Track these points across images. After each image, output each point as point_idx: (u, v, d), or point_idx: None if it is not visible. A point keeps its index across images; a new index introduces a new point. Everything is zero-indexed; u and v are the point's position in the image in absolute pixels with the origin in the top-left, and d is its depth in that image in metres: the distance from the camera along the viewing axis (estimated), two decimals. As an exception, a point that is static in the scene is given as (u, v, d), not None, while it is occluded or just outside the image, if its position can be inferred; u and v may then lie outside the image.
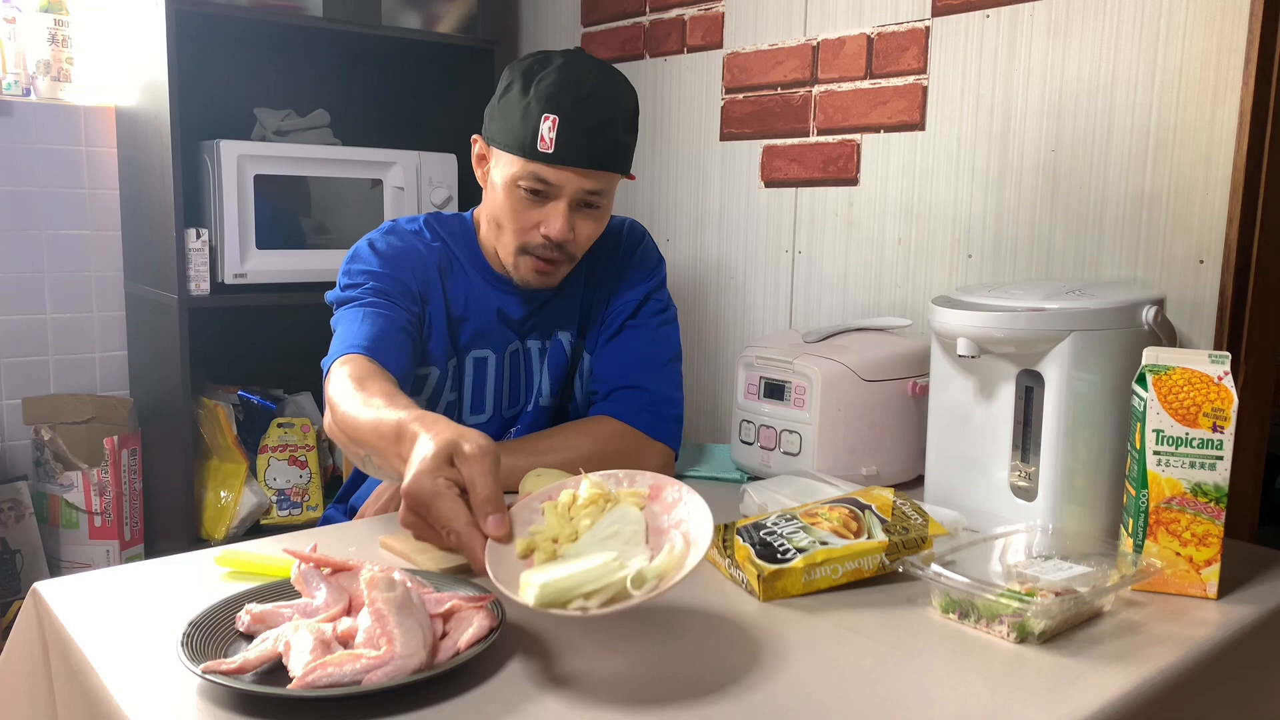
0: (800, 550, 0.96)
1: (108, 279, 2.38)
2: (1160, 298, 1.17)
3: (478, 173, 1.32)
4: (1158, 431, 0.97)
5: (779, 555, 0.96)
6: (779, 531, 0.99)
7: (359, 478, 1.46)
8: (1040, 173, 1.53)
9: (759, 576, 0.95)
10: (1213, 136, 1.34)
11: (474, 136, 1.31)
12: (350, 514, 1.38)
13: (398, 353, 1.19)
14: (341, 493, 1.48)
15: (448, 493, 0.87)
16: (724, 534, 1.03)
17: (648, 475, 0.93)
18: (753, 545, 0.98)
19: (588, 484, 0.91)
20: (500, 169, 1.25)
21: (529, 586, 0.78)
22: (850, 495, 1.08)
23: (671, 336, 1.42)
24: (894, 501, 1.05)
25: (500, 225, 1.27)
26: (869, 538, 0.99)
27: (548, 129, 1.19)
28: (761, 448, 1.39)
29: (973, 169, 1.61)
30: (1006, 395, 1.16)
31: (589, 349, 1.41)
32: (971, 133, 1.61)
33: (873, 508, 1.03)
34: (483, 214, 1.34)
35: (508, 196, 1.24)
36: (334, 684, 0.72)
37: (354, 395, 1.07)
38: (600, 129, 1.21)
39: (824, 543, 0.97)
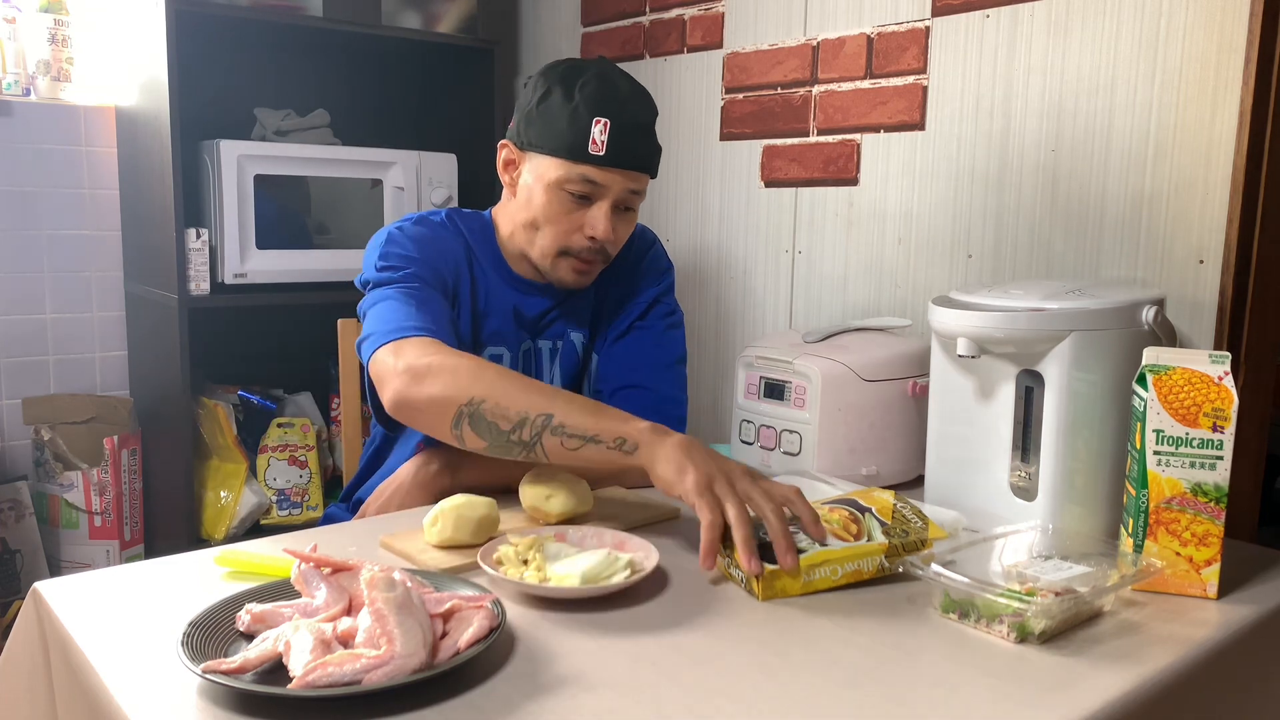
0: (799, 551, 0.96)
1: (108, 279, 2.38)
2: (1160, 298, 1.17)
3: (504, 178, 1.33)
4: (1158, 431, 0.97)
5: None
6: None
7: (363, 475, 1.45)
8: (1040, 173, 1.53)
9: (758, 576, 0.95)
10: (1213, 136, 1.34)
11: (502, 142, 1.32)
12: (356, 508, 1.38)
13: (456, 342, 1.18)
14: (345, 492, 1.48)
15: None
16: (724, 534, 1.03)
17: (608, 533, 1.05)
18: None
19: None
20: (539, 172, 1.26)
21: (564, 578, 0.92)
22: (850, 496, 1.08)
23: (678, 339, 1.42)
24: (894, 504, 1.05)
25: (537, 227, 1.28)
26: (869, 540, 0.99)
27: (599, 132, 1.22)
28: (761, 448, 1.39)
29: (973, 169, 1.61)
30: (1006, 395, 1.16)
31: (598, 350, 1.41)
32: (971, 133, 1.61)
33: (873, 510, 1.03)
34: (505, 216, 1.35)
35: (551, 199, 1.26)
36: (334, 684, 0.72)
37: (505, 368, 1.12)
38: (643, 132, 1.26)
39: (823, 544, 0.97)
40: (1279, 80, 1.30)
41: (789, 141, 1.90)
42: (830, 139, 1.83)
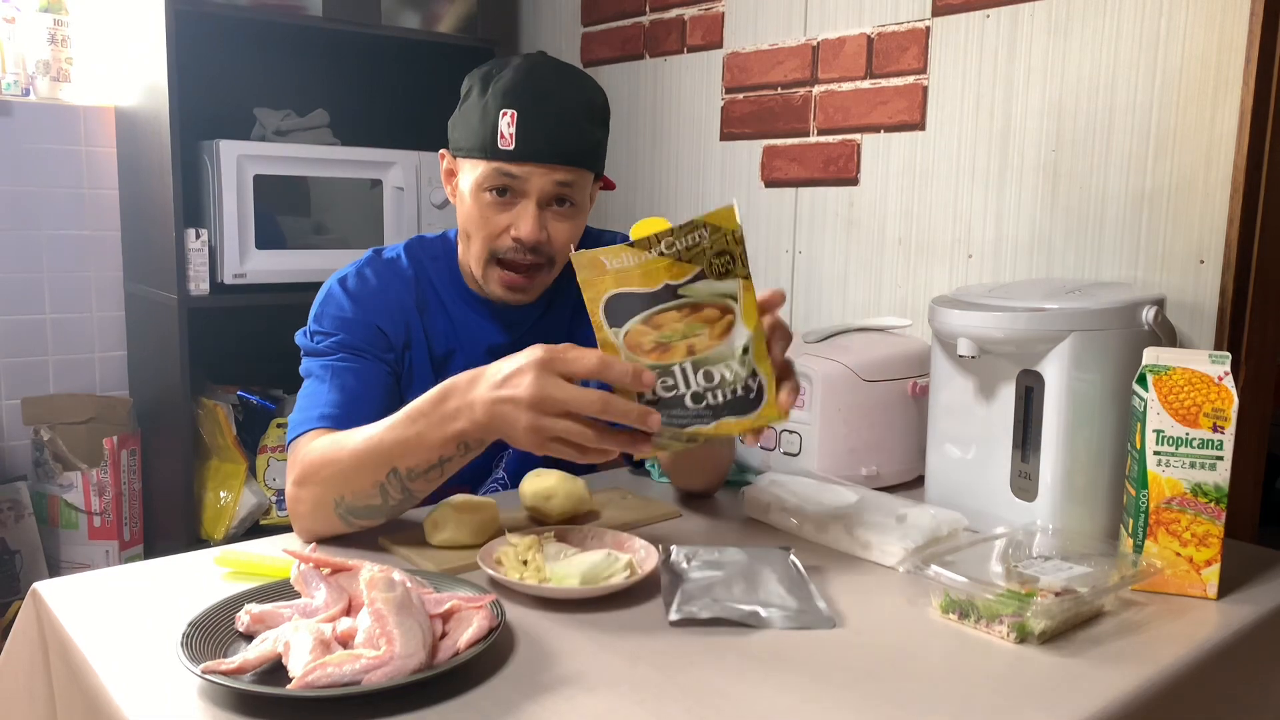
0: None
1: (107, 279, 2.38)
2: (1160, 298, 1.17)
3: (447, 189, 1.27)
4: (1158, 432, 0.97)
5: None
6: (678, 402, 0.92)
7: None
8: (1040, 173, 1.53)
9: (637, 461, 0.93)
10: (1213, 136, 1.34)
11: (440, 152, 1.27)
12: None
13: (373, 415, 1.07)
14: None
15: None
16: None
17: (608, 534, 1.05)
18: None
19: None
20: (465, 176, 1.21)
21: (565, 578, 0.92)
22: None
23: None
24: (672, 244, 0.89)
25: (469, 235, 1.22)
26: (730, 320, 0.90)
27: (506, 124, 1.15)
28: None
29: (973, 169, 1.61)
30: (1006, 395, 1.16)
31: None
32: (971, 133, 1.61)
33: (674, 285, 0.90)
34: (459, 232, 1.29)
35: (475, 202, 1.19)
36: (333, 684, 0.72)
37: (355, 437, 1.03)
38: (562, 121, 1.16)
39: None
40: (1279, 80, 1.30)
41: (789, 141, 1.90)
42: (830, 139, 1.83)
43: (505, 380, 0.91)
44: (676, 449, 0.95)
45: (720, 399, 0.91)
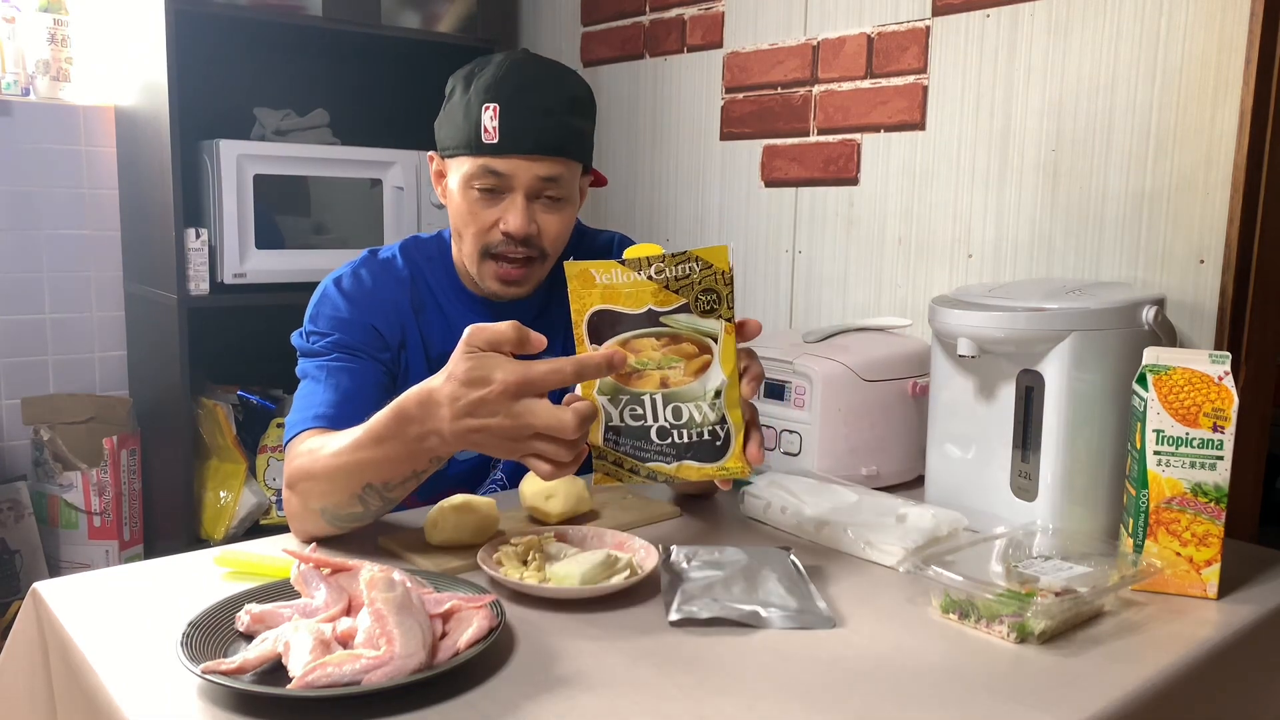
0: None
1: (107, 279, 2.38)
2: (1160, 298, 1.17)
3: (437, 190, 1.27)
4: (1158, 431, 0.97)
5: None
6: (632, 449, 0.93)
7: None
8: (1040, 173, 1.53)
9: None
10: (1213, 136, 1.34)
11: (429, 155, 1.27)
12: None
13: (369, 414, 1.04)
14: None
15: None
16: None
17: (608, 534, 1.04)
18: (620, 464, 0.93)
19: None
20: (453, 175, 1.21)
21: (565, 578, 0.92)
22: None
23: None
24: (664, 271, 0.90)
25: (461, 233, 1.22)
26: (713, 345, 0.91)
27: (489, 119, 1.15)
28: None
29: (973, 169, 1.61)
30: (1006, 395, 1.16)
31: None
32: (971, 133, 1.61)
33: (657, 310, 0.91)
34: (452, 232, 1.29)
35: (463, 199, 1.20)
36: (333, 684, 0.72)
37: (326, 449, 1.02)
38: (545, 113, 1.17)
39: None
40: (1279, 80, 1.30)
41: (789, 141, 1.90)
42: (830, 139, 1.83)
43: (473, 408, 0.87)
44: (634, 483, 0.94)
45: (685, 439, 0.91)
